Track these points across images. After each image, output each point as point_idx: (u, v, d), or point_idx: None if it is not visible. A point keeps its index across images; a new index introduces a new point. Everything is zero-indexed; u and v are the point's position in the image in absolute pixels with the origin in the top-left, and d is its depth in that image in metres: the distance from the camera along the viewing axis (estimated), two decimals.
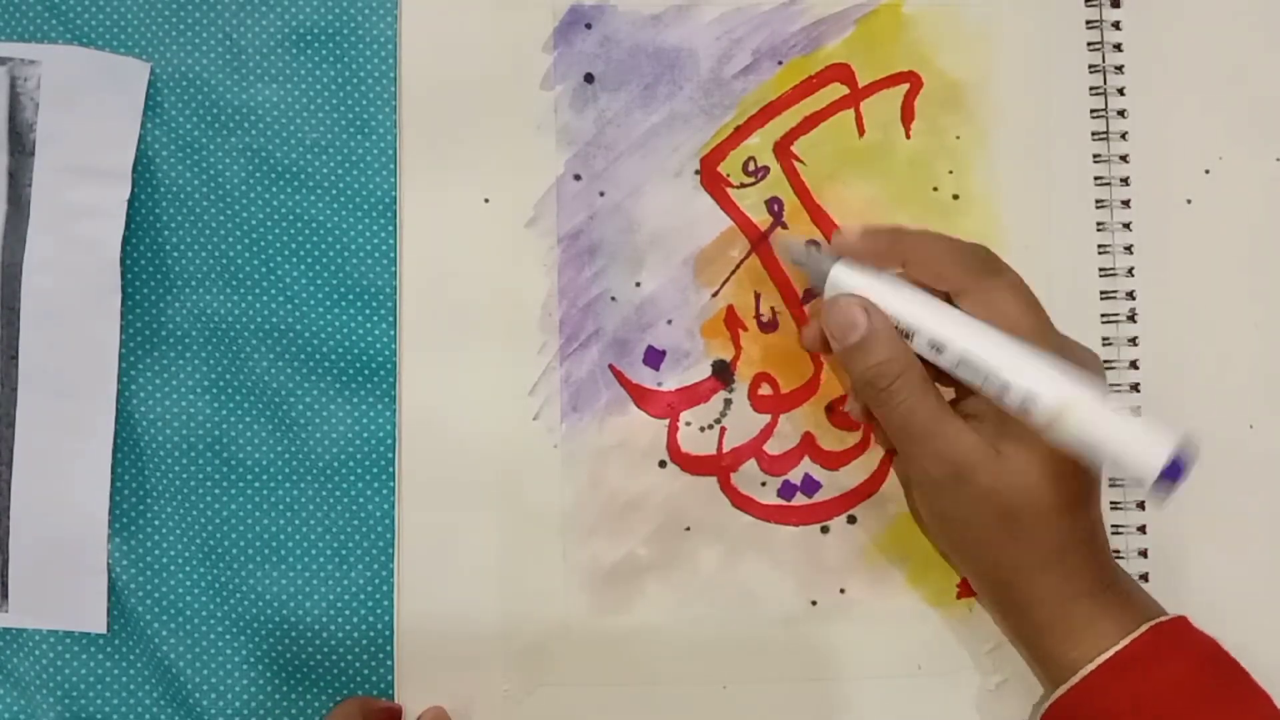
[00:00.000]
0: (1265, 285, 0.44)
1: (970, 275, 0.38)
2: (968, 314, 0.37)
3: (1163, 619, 0.38)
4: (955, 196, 0.44)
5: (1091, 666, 0.37)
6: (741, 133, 0.44)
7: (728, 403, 0.44)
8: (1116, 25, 0.45)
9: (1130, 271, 0.44)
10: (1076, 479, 0.37)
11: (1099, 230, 0.44)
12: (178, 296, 0.44)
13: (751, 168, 0.44)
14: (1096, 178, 0.44)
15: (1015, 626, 0.40)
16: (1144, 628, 0.37)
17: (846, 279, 0.38)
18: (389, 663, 0.43)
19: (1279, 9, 0.45)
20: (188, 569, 0.43)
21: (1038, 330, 0.37)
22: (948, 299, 0.38)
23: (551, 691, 0.43)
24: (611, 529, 0.43)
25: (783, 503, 0.43)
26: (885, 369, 0.37)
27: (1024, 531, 0.37)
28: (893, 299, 0.37)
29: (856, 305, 0.38)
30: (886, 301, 0.37)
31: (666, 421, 0.44)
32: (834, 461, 0.43)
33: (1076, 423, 0.35)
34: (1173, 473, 0.34)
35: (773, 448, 0.44)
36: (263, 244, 0.44)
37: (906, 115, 0.44)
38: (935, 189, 0.44)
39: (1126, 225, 0.44)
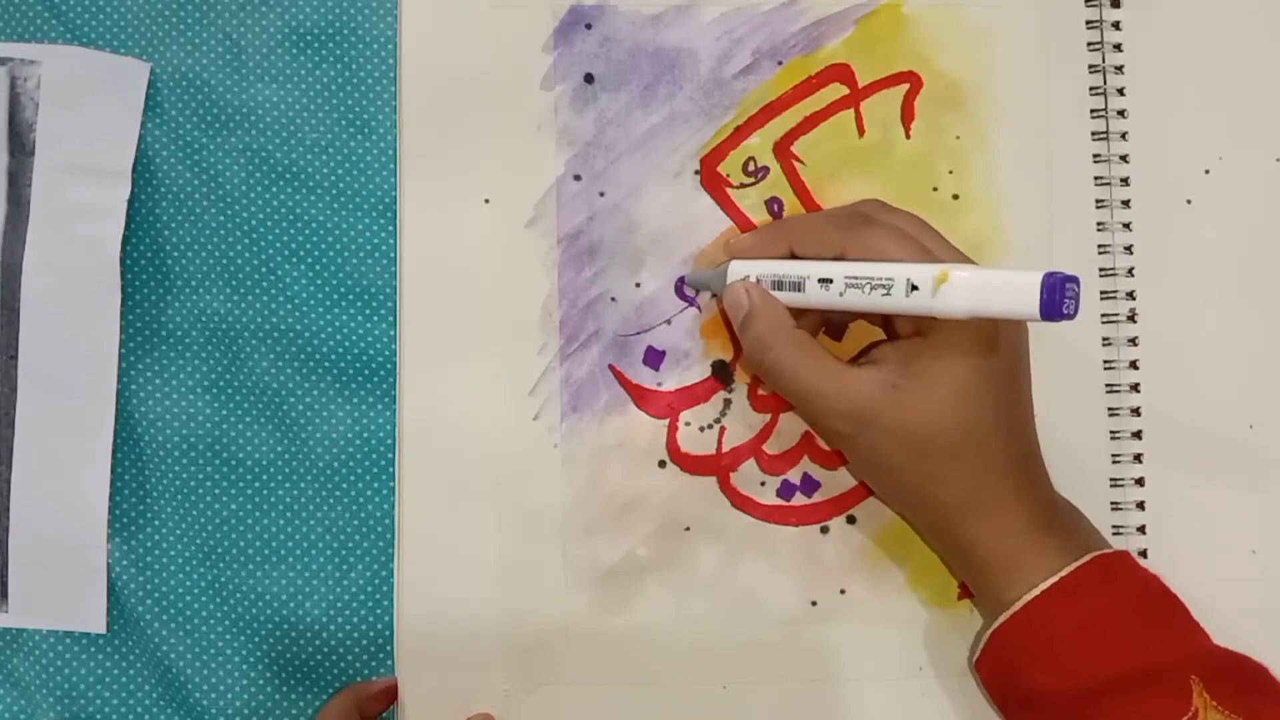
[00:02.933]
0: (1265, 285, 0.44)
1: (846, 232, 0.39)
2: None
3: (1106, 551, 0.39)
4: (955, 196, 0.44)
5: (1035, 593, 0.38)
6: (741, 133, 0.44)
7: (727, 403, 0.44)
8: (1116, 25, 0.45)
9: (1130, 271, 0.44)
10: (983, 409, 0.38)
11: (1099, 230, 0.44)
12: (178, 296, 0.44)
13: (751, 168, 0.44)
14: (1096, 178, 0.44)
15: (960, 569, 0.41)
16: (1086, 558, 0.38)
17: (738, 269, 0.41)
18: (389, 663, 0.43)
19: (1279, 9, 0.45)
20: (188, 569, 0.43)
21: (921, 259, 0.38)
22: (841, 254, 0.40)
23: (551, 691, 0.43)
24: (611, 529, 0.43)
25: (782, 503, 0.43)
26: (762, 339, 0.39)
27: (940, 467, 0.38)
28: (777, 266, 0.40)
29: (741, 287, 0.40)
30: (772, 269, 0.40)
31: (666, 421, 0.44)
32: (833, 461, 0.43)
33: (957, 283, 0.35)
34: (1053, 297, 0.34)
35: (772, 447, 0.44)
36: (263, 244, 0.44)
37: (906, 115, 0.44)
38: (935, 189, 0.44)
39: (1126, 225, 0.44)
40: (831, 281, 0.38)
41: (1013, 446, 0.39)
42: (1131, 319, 0.44)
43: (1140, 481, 0.44)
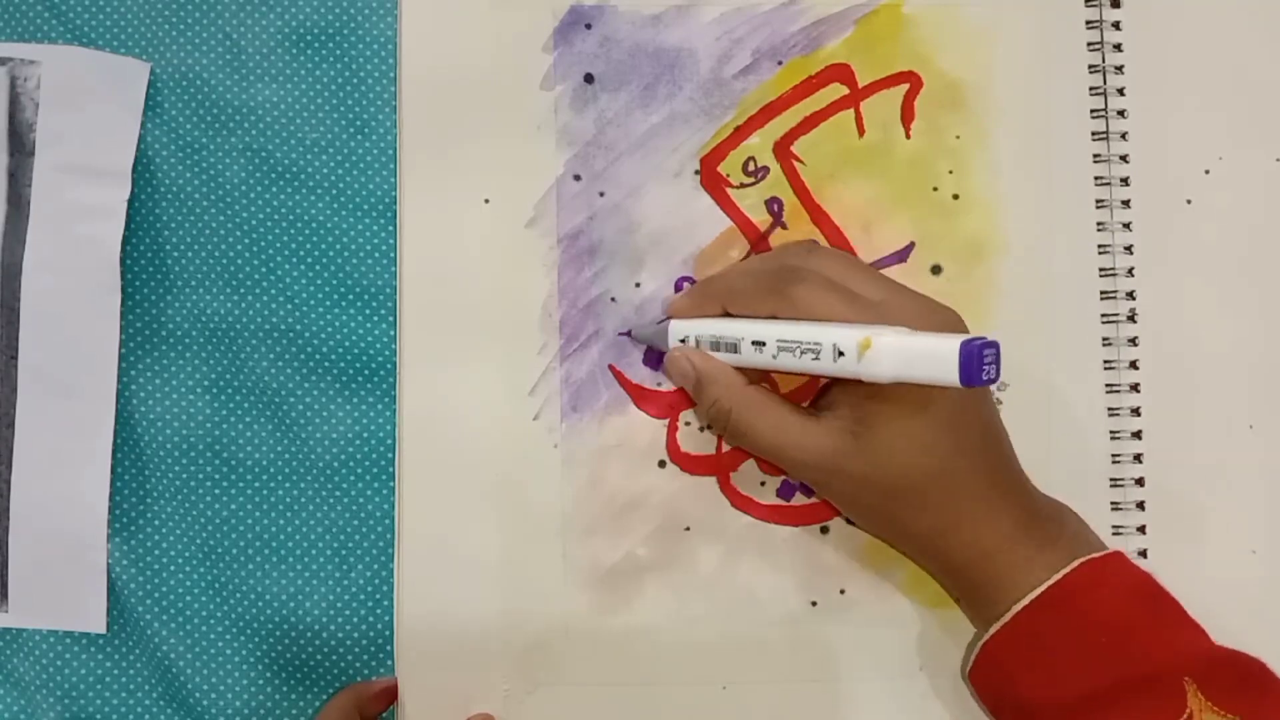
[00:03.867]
0: (1265, 285, 0.44)
1: (774, 291, 0.39)
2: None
3: (1094, 555, 0.38)
4: (955, 196, 0.44)
5: (1022, 604, 0.38)
6: (741, 133, 0.44)
7: None
8: (1116, 25, 0.45)
9: (1130, 271, 0.44)
10: (942, 449, 0.38)
11: (1099, 230, 0.44)
12: (178, 296, 0.44)
13: (751, 168, 0.44)
14: (1096, 178, 0.44)
15: (948, 587, 0.42)
16: (1073, 564, 0.38)
17: (678, 330, 0.42)
18: (389, 663, 0.43)
19: (1279, 9, 0.45)
20: (188, 569, 0.43)
21: (850, 310, 0.38)
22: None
23: (551, 691, 0.43)
24: (611, 529, 0.43)
25: (782, 503, 0.43)
26: (719, 404, 0.40)
27: (916, 504, 0.39)
28: (714, 326, 0.41)
29: (681, 355, 0.41)
30: (710, 329, 0.40)
31: (666, 421, 0.44)
32: None
33: (879, 350, 0.35)
34: (970, 364, 0.34)
35: None
36: (263, 244, 0.44)
37: (906, 115, 0.44)
38: (935, 189, 0.44)
39: (1126, 225, 0.44)
40: (764, 344, 0.39)
41: (981, 473, 0.39)
42: (1131, 319, 0.44)
43: (1140, 481, 0.44)
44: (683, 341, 0.42)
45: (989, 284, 0.44)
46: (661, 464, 0.43)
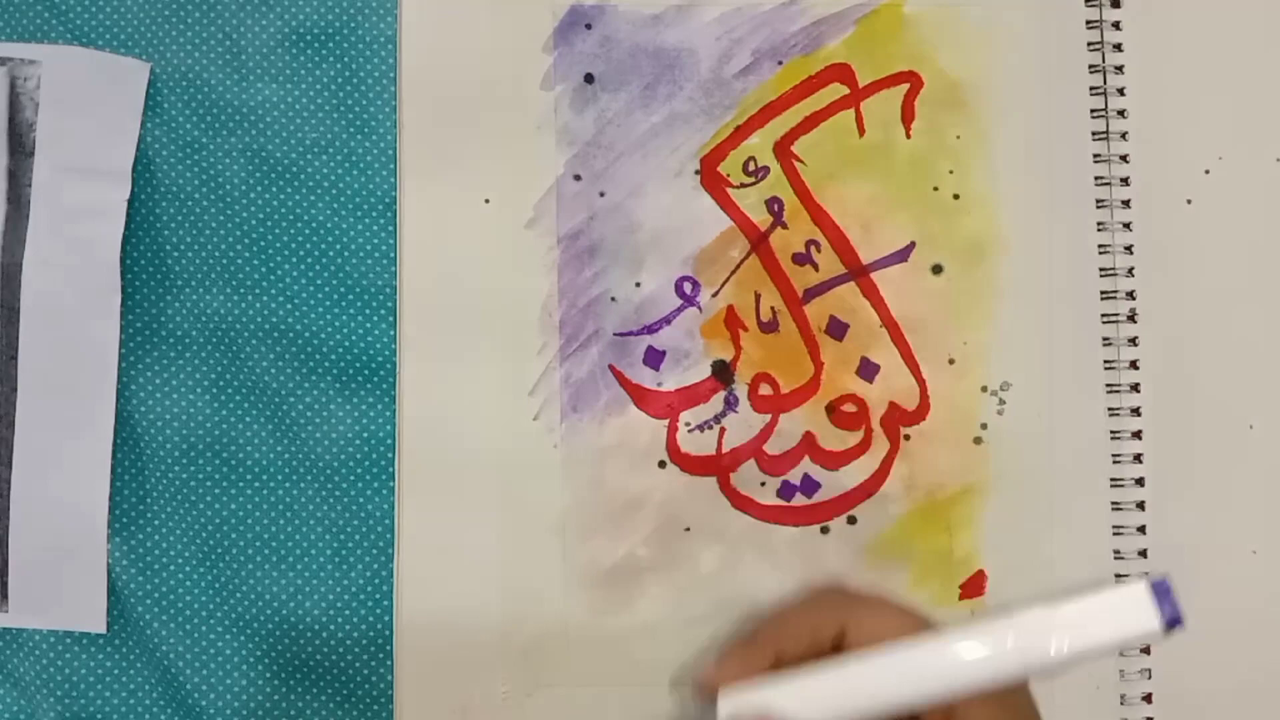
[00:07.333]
0: (1265, 285, 0.44)
1: (841, 610, 0.37)
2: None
3: None
4: (955, 196, 0.44)
5: None
6: (741, 133, 0.44)
7: (727, 402, 0.44)
8: (1116, 25, 0.45)
9: (1130, 271, 0.44)
10: None
11: (1099, 230, 0.44)
12: (178, 296, 0.44)
13: (751, 168, 0.44)
14: (1096, 178, 0.44)
15: None
16: None
17: (728, 710, 0.35)
18: (389, 663, 0.43)
19: (1279, 9, 0.45)
20: (188, 569, 0.43)
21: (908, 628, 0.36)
22: (838, 643, 0.36)
23: (551, 691, 0.43)
24: (611, 529, 0.43)
25: (782, 503, 0.43)
26: None
27: None
28: (774, 698, 0.35)
29: None
30: (767, 704, 0.35)
31: (666, 421, 0.44)
32: (834, 461, 0.43)
33: None
34: None
35: (772, 448, 0.44)
36: (263, 244, 0.44)
37: (907, 115, 0.44)
38: (935, 189, 0.44)
39: (1126, 225, 0.44)
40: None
41: None
42: (1131, 319, 0.44)
43: (1140, 481, 0.44)
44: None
45: (989, 284, 0.44)
46: (661, 464, 0.43)
